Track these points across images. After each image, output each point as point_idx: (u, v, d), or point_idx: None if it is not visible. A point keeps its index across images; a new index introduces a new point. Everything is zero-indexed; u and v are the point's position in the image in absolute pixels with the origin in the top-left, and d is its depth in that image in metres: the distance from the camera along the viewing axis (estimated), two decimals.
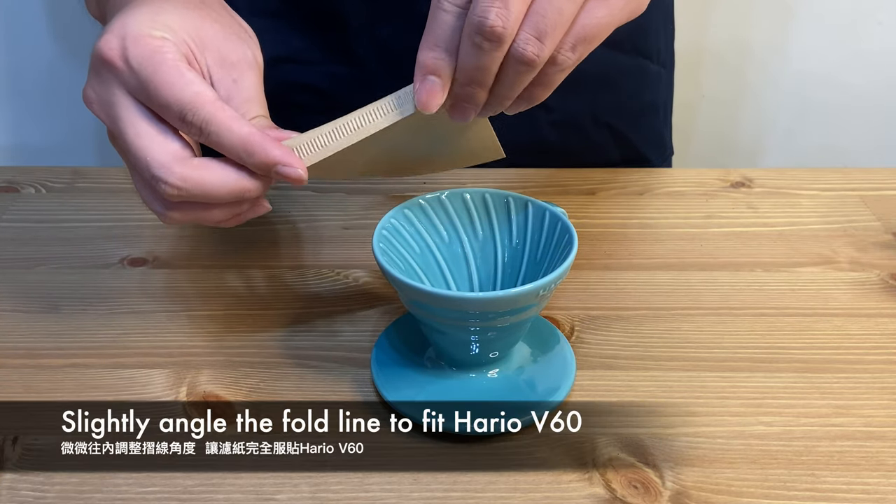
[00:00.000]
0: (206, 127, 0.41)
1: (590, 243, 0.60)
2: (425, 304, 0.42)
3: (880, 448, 0.43)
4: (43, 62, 0.96)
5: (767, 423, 0.45)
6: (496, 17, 0.38)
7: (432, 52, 0.40)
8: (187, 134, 0.42)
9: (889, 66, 1.04)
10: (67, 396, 0.47)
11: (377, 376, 0.46)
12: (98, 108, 0.44)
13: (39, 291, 0.55)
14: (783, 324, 0.52)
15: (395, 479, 0.42)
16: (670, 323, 0.52)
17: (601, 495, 0.41)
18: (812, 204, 0.65)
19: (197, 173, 0.41)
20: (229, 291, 0.55)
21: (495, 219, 0.49)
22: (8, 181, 0.68)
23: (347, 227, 0.62)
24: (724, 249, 0.60)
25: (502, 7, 0.38)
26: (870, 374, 0.48)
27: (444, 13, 0.39)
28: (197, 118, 0.41)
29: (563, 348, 0.49)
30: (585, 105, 0.72)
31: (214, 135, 0.41)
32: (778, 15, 1.02)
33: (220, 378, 0.48)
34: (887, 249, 0.60)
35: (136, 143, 0.42)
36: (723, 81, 1.07)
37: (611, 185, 0.68)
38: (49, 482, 0.42)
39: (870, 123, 1.08)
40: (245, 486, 0.41)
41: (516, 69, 0.40)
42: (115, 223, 0.63)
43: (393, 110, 0.42)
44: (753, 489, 0.41)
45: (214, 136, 0.41)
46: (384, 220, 0.47)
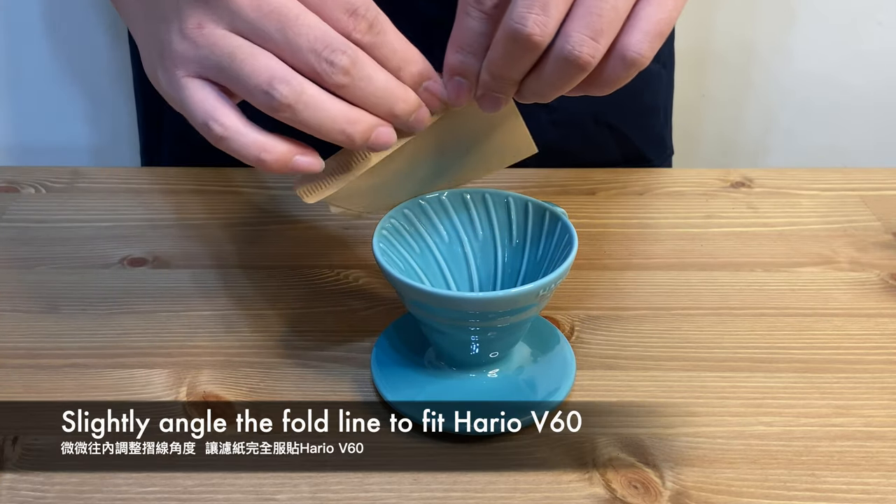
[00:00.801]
0: (376, 23, 0.38)
1: (590, 243, 0.60)
2: (425, 304, 0.42)
3: (880, 448, 0.43)
4: (43, 62, 0.96)
5: (767, 423, 0.45)
6: (534, 25, 0.36)
7: (458, 54, 0.39)
8: (350, 31, 0.38)
9: (889, 66, 1.04)
10: (67, 396, 0.47)
11: (377, 376, 0.46)
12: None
13: (39, 291, 0.55)
14: (783, 324, 0.52)
15: (395, 479, 0.42)
16: (670, 323, 0.52)
17: (601, 495, 0.41)
18: (812, 204, 0.65)
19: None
20: (229, 291, 0.55)
21: (495, 219, 0.49)
22: (8, 181, 0.68)
23: (347, 227, 0.62)
24: (724, 249, 0.60)
25: (541, 13, 0.36)
26: (870, 374, 0.48)
27: (471, 19, 0.38)
28: (370, 13, 0.38)
29: (563, 348, 0.49)
30: (586, 105, 0.72)
31: (382, 33, 0.39)
32: (778, 15, 1.02)
33: (220, 378, 0.48)
34: (887, 249, 0.60)
35: (306, 15, 0.38)
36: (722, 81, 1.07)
37: (611, 185, 0.68)
38: (49, 482, 0.42)
39: (870, 123, 1.08)
40: (245, 486, 0.41)
41: (566, 70, 0.37)
42: (115, 223, 0.63)
43: None
44: (753, 489, 0.41)
45: (382, 36, 0.39)
46: (384, 220, 0.47)
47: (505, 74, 0.39)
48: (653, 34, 0.38)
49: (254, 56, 0.38)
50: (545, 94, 0.40)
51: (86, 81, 0.96)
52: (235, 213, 0.64)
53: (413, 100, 0.40)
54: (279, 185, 0.67)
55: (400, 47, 0.39)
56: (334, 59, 0.37)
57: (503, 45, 0.37)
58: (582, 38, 0.36)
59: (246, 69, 0.38)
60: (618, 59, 0.38)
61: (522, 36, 0.36)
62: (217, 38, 0.38)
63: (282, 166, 0.39)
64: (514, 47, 0.37)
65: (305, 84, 0.38)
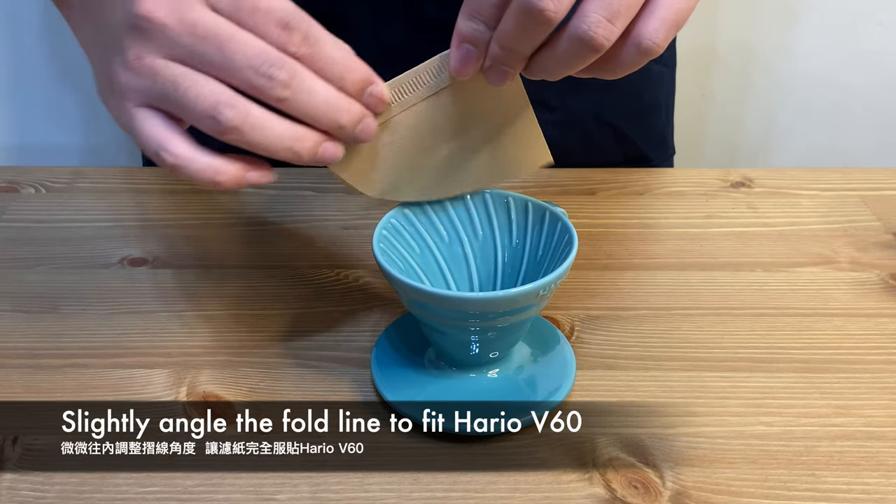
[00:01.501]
0: (310, 35, 0.38)
1: (590, 243, 0.60)
2: (425, 304, 0.42)
3: (880, 448, 0.43)
4: (43, 63, 0.96)
5: (767, 423, 0.45)
6: (549, 1, 0.35)
7: (470, 21, 0.39)
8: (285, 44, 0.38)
9: (889, 66, 1.05)
10: (67, 396, 0.47)
11: (377, 376, 0.46)
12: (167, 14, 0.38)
13: (39, 291, 0.55)
14: (783, 324, 0.52)
15: (395, 479, 0.42)
16: (670, 323, 0.52)
17: (601, 495, 0.41)
18: (812, 204, 0.65)
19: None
20: (229, 291, 0.55)
21: (495, 219, 0.49)
22: (8, 181, 0.68)
23: (347, 227, 0.62)
24: (724, 249, 0.60)
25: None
26: (870, 374, 0.48)
27: None
28: (303, 25, 0.38)
29: (563, 348, 0.49)
30: (587, 105, 0.72)
31: (318, 45, 0.39)
32: (778, 15, 1.03)
33: (220, 378, 0.48)
34: (887, 249, 0.60)
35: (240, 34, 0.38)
36: (723, 81, 1.07)
37: (611, 185, 0.68)
38: (49, 482, 0.42)
39: (870, 123, 1.09)
40: (245, 486, 0.41)
41: (579, 50, 0.37)
42: (115, 223, 0.63)
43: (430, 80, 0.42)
44: (753, 489, 0.41)
45: (318, 47, 0.39)
46: (384, 220, 0.47)
47: (515, 47, 0.38)
48: (669, 23, 0.38)
49: (196, 83, 0.38)
50: (554, 71, 0.39)
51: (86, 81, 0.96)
52: (235, 213, 0.64)
53: (357, 110, 0.40)
54: (279, 185, 0.67)
55: (338, 56, 0.39)
56: (272, 73, 0.38)
57: (516, 18, 0.37)
58: (598, 20, 0.36)
59: (190, 96, 0.38)
60: (632, 45, 0.38)
61: (536, 10, 0.36)
62: (158, 67, 0.38)
63: (236, 185, 0.40)
64: (527, 20, 0.36)
65: (250, 106, 0.38)
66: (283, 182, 0.67)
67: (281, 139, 0.39)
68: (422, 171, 0.46)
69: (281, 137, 0.39)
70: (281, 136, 0.39)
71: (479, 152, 0.46)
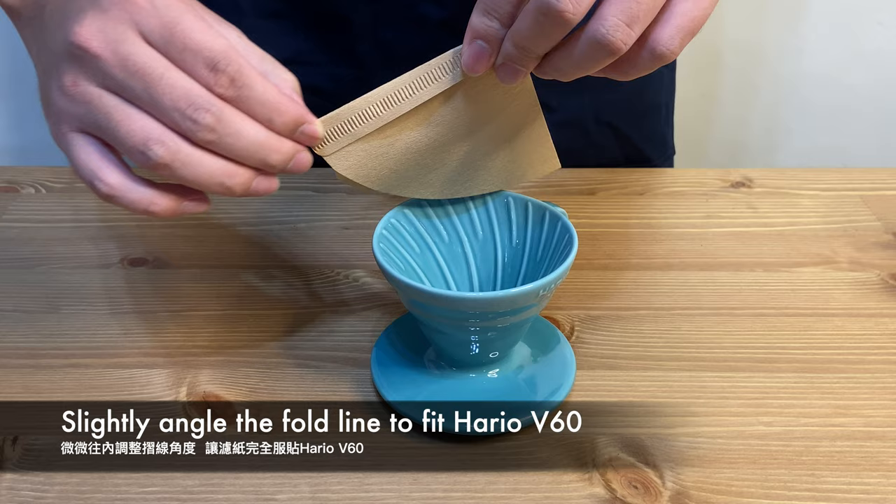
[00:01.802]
0: (238, 77, 0.38)
1: (590, 243, 0.60)
2: (425, 304, 0.42)
3: (880, 448, 0.43)
4: None
5: (767, 423, 0.45)
6: (567, 2, 0.35)
7: (485, 17, 0.38)
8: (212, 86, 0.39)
9: (889, 66, 1.05)
10: (67, 396, 0.47)
11: (377, 376, 0.46)
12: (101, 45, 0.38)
13: (39, 291, 0.55)
14: (783, 324, 0.52)
15: (395, 479, 0.42)
16: (670, 323, 0.52)
17: (601, 495, 0.41)
18: (812, 204, 0.65)
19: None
20: (229, 291, 0.55)
21: (495, 219, 0.49)
22: (8, 181, 0.68)
23: (347, 227, 0.62)
24: (724, 249, 0.60)
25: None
26: (870, 374, 0.48)
27: None
28: (231, 68, 0.38)
29: (563, 348, 0.49)
30: (588, 105, 0.72)
31: (246, 87, 0.39)
32: (779, 15, 1.03)
33: (220, 378, 0.48)
34: (887, 249, 0.60)
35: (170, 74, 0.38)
36: (723, 81, 1.07)
37: (611, 185, 0.68)
38: (49, 482, 0.42)
39: (870, 123, 1.09)
40: (245, 486, 0.41)
41: (596, 53, 0.37)
42: (115, 223, 0.63)
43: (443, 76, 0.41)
44: (753, 489, 0.41)
45: (245, 90, 0.39)
46: (384, 220, 0.47)
47: (529, 47, 0.38)
48: (685, 30, 0.38)
49: (129, 117, 0.38)
50: (568, 72, 0.39)
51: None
52: (235, 213, 0.64)
53: (287, 149, 0.41)
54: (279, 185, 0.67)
55: (269, 98, 0.39)
56: (197, 117, 0.38)
57: (533, 17, 0.36)
58: (617, 24, 0.36)
59: (122, 130, 0.38)
60: (647, 51, 0.38)
61: (555, 11, 0.35)
62: (93, 96, 0.39)
63: (171, 214, 0.41)
64: (545, 21, 0.36)
65: (181, 143, 0.38)
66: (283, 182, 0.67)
67: (212, 176, 0.39)
68: (430, 171, 0.46)
69: (212, 174, 0.39)
70: (212, 172, 0.39)
71: (489, 157, 0.46)
